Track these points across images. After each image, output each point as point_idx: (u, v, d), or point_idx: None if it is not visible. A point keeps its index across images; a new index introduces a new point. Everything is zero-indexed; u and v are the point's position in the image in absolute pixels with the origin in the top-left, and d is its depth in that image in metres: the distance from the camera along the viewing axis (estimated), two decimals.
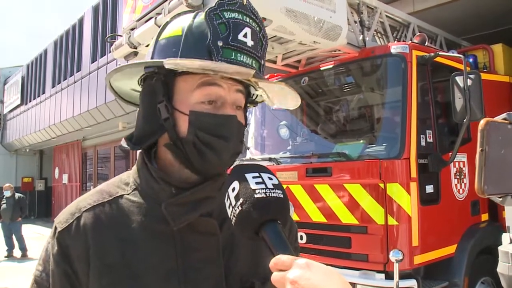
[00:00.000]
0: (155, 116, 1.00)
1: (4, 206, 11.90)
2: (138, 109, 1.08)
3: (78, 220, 0.99)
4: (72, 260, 0.96)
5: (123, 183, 1.06)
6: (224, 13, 0.97)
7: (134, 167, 1.09)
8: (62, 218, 1.01)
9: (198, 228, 1.00)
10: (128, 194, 1.03)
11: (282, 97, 1.14)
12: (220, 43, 0.95)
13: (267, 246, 0.80)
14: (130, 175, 1.08)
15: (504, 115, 2.68)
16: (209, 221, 1.01)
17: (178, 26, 1.02)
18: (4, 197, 12.00)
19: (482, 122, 2.42)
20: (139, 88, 1.08)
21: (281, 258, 0.74)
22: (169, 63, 0.94)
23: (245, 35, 0.98)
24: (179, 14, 1.07)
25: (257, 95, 1.14)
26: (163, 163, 1.04)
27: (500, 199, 2.74)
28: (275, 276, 0.73)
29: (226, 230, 1.03)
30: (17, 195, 12.30)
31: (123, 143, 1.08)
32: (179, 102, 0.99)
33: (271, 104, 1.16)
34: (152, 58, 1.04)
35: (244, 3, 1.00)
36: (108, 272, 0.94)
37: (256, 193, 0.81)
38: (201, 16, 0.99)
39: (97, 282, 0.94)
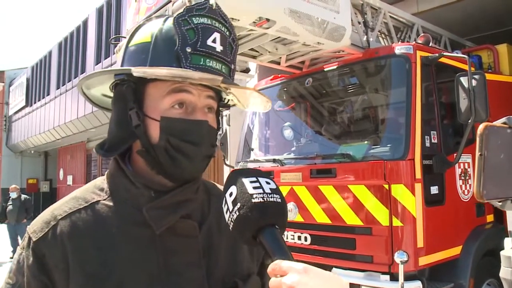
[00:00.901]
0: (127, 123, 1.00)
1: (10, 207, 11.98)
2: (110, 115, 1.07)
3: (54, 228, 0.96)
4: (49, 269, 0.93)
5: (97, 189, 1.04)
6: (193, 18, 0.97)
7: (108, 173, 1.07)
8: (36, 228, 0.98)
9: (178, 230, 0.99)
10: (104, 200, 1.01)
11: (253, 101, 1.15)
12: (188, 49, 0.95)
13: (265, 251, 0.80)
14: (104, 181, 1.06)
15: (503, 119, 2.65)
16: (189, 223, 1.01)
17: (147, 33, 1.01)
18: (11, 198, 12.08)
19: (481, 126, 2.40)
20: (111, 94, 1.08)
21: (278, 264, 0.73)
22: (137, 71, 0.94)
23: (214, 40, 0.97)
24: (149, 19, 1.06)
25: (228, 99, 1.13)
26: (138, 168, 1.04)
27: (500, 203, 2.71)
28: (272, 282, 0.72)
29: (204, 232, 1.04)
30: (23, 196, 12.39)
31: (96, 151, 1.07)
32: (150, 108, 0.98)
33: (242, 107, 1.16)
34: (122, 65, 1.04)
35: (213, 8, 1.00)
36: (90, 280, 0.92)
37: (253, 198, 0.81)
38: (170, 22, 0.99)
39: None
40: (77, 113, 16.27)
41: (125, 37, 4.72)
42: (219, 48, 0.98)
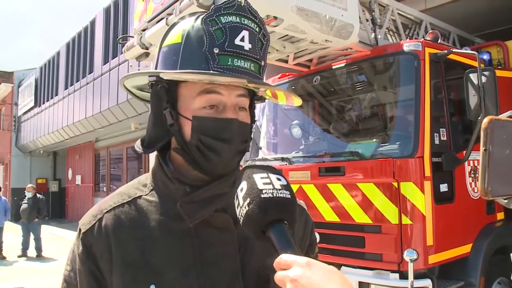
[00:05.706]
0: (162, 122, 1.05)
1: (24, 206, 12.20)
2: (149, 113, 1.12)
3: (100, 221, 1.04)
4: (96, 258, 1.02)
5: (141, 185, 1.11)
6: (221, 18, 0.99)
7: (151, 169, 1.13)
8: (85, 220, 1.07)
9: (214, 223, 1.03)
10: (146, 195, 1.08)
11: (285, 95, 1.18)
12: (216, 50, 0.97)
13: (273, 245, 0.82)
14: (148, 177, 1.12)
15: (509, 113, 2.61)
16: (224, 217, 1.03)
17: (179, 33, 1.04)
18: (26, 197, 12.28)
19: (486, 120, 2.36)
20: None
21: (283, 257, 0.77)
22: (167, 75, 1.01)
23: (242, 39, 1.00)
24: (182, 18, 1.09)
25: (261, 94, 1.16)
26: (177, 163, 1.09)
27: (506, 200, 2.66)
28: (277, 275, 0.76)
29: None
30: (38, 195, 12.61)
31: (136, 147, 1.13)
32: (183, 108, 1.03)
33: (275, 101, 1.20)
34: (156, 65, 1.08)
35: (242, 5, 1.02)
36: (129, 269, 0.99)
37: (263, 193, 0.83)
38: (199, 22, 1.01)
39: (120, 279, 0.99)
40: (85, 113, 16.34)
41: (132, 37, 4.73)
42: (247, 46, 1.00)
